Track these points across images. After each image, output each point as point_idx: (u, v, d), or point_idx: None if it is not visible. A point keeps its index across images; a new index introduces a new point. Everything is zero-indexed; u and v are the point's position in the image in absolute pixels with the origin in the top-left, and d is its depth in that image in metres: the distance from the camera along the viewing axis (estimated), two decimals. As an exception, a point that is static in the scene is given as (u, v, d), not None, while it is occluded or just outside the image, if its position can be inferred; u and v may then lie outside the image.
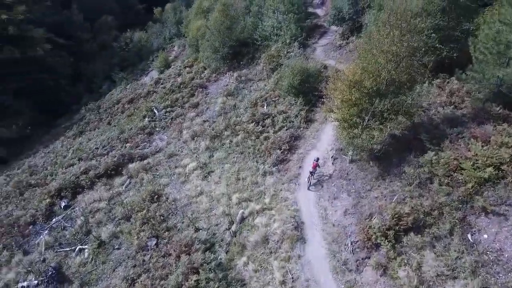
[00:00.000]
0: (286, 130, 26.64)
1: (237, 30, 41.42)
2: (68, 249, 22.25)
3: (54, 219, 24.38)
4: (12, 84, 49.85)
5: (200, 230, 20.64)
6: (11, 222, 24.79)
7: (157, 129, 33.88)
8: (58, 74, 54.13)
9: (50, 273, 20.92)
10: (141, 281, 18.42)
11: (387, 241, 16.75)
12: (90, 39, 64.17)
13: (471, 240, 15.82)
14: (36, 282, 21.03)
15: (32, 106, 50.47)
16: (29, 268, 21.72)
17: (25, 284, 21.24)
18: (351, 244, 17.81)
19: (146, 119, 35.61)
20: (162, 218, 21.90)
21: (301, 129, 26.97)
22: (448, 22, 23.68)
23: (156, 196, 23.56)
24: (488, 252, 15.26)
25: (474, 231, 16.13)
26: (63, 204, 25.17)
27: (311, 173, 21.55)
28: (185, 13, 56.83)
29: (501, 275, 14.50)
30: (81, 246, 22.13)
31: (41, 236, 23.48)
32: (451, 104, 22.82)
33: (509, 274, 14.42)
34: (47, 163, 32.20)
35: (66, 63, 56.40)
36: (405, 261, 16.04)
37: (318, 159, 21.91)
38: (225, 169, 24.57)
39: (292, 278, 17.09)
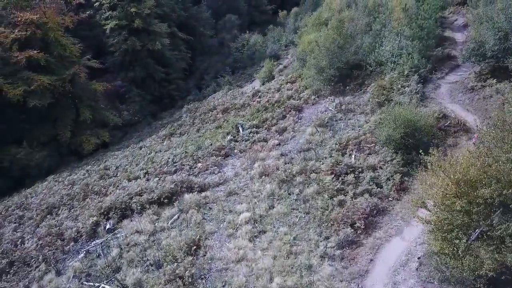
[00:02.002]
0: (370, 196, 20.09)
1: (350, 51, 34.98)
2: (92, 283, 19.41)
3: (93, 242, 21.90)
4: (129, 73, 50.79)
5: (223, 315, 15.87)
6: (59, 232, 23.08)
7: (235, 151, 29.74)
8: (172, 67, 53.81)
9: (63, 310, 18.33)
10: None
11: None
12: (212, 36, 63.16)
13: None
14: (51, 314, 18.64)
15: (143, 95, 50.79)
16: (53, 294, 19.49)
17: (41, 312, 19.04)
18: None
19: (229, 137, 31.73)
20: (190, 280, 17.63)
21: (389, 199, 20.18)
22: None
23: (195, 247, 19.36)
24: None
25: None
26: (107, 226, 22.58)
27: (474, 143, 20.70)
28: (304, 21, 51.60)
29: None
30: (104, 285, 19.08)
31: (76, 258, 21.16)
32: None
33: None
34: (120, 168, 30.51)
35: (182, 57, 55.94)
36: None
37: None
38: (279, 234, 19.22)
39: None
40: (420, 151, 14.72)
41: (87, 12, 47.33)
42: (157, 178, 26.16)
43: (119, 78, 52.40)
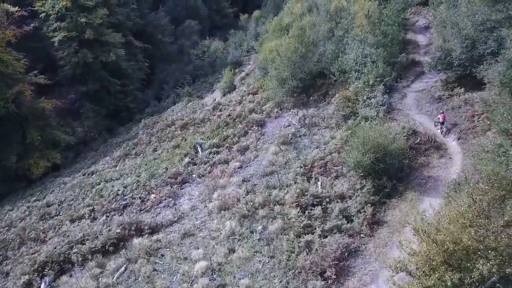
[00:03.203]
0: (340, 234, 17.44)
1: (313, 60, 32.31)
2: None
3: (26, 306, 18.27)
4: (81, 87, 46.38)
5: None
6: (-17, 295, 19.32)
7: (193, 176, 26.63)
8: (129, 78, 49.63)
9: None
10: None
11: None
12: (171, 43, 59.20)
13: None
14: None
15: (98, 110, 46.49)
16: None
17: None
18: None
19: (186, 159, 28.54)
20: None
21: (361, 236, 17.58)
22: None
23: (143, 311, 16.15)
24: None
25: None
26: (42, 286, 18.88)
27: (441, 123, 23.13)
28: (266, 26, 48.52)
29: None
30: None
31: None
32: None
33: None
34: (65, 203, 26.62)
35: (140, 67, 51.83)
36: None
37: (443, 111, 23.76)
38: (240, 287, 16.25)
39: None
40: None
41: (32, 24, 42.65)
42: (104, 217, 22.63)
43: (72, 93, 47.89)
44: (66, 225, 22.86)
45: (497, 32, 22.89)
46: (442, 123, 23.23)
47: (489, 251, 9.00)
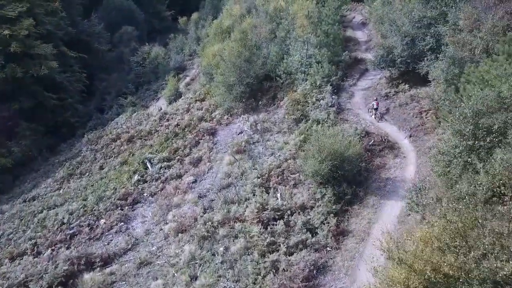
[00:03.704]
0: (306, 249, 16.47)
1: (258, 63, 31.15)
2: None
3: None
4: (13, 104, 41.76)
5: None
6: None
7: (144, 194, 24.55)
8: (66, 91, 45.49)
9: None
10: None
11: None
12: (109, 51, 55.28)
13: None
14: None
15: (35, 128, 42.21)
16: None
17: None
18: None
19: (136, 176, 26.30)
20: None
21: (327, 249, 16.68)
22: None
23: None
24: None
25: None
26: None
27: (375, 109, 24.44)
28: (206, 29, 46.61)
29: None
30: None
31: None
32: None
33: None
34: (3, 237, 23.29)
35: (77, 79, 47.70)
36: None
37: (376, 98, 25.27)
38: (205, 322, 14.83)
39: None
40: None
41: None
42: (49, 251, 20.02)
43: (3, 111, 43.05)
44: (6, 264, 19.84)
45: (433, 29, 23.05)
46: (376, 109, 24.59)
47: (472, 279, 8.33)
